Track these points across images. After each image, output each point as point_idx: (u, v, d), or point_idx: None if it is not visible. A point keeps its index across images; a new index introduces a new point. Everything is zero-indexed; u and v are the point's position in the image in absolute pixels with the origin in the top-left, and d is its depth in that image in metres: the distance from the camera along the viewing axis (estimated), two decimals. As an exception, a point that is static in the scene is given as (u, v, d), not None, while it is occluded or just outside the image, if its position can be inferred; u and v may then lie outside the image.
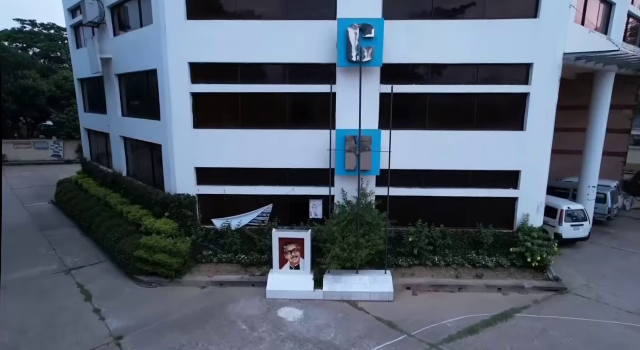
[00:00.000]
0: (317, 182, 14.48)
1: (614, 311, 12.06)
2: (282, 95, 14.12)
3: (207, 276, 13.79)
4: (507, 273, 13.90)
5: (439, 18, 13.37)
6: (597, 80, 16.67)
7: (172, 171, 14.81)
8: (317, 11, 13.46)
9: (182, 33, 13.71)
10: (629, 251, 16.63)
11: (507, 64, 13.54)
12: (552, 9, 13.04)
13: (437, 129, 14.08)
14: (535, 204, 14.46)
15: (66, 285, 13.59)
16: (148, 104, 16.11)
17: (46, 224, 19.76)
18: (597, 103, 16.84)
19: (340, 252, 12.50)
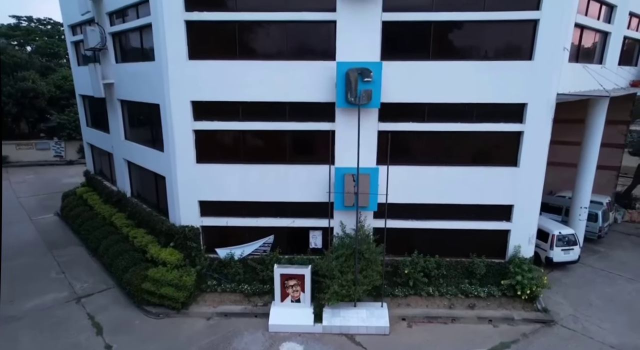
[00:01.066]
0: (316, 215, 14.99)
1: (597, 346, 12.77)
2: (283, 132, 14.47)
3: (211, 306, 14.46)
4: (498, 303, 14.58)
5: (436, 59, 13.61)
6: (591, 108, 16.96)
7: (176, 203, 15.29)
8: (317, 52, 13.69)
9: (183, 72, 13.96)
10: (616, 274, 17.29)
11: (503, 103, 13.85)
12: (546, 51, 13.29)
13: (433, 165, 14.51)
14: (527, 235, 15.02)
15: (77, 316, 14.25)
16: (151, 134, 16.46)
17: (54, 241, 20.33)
18: (589, 132, 17.18)
19: (339, 288, 13.13)
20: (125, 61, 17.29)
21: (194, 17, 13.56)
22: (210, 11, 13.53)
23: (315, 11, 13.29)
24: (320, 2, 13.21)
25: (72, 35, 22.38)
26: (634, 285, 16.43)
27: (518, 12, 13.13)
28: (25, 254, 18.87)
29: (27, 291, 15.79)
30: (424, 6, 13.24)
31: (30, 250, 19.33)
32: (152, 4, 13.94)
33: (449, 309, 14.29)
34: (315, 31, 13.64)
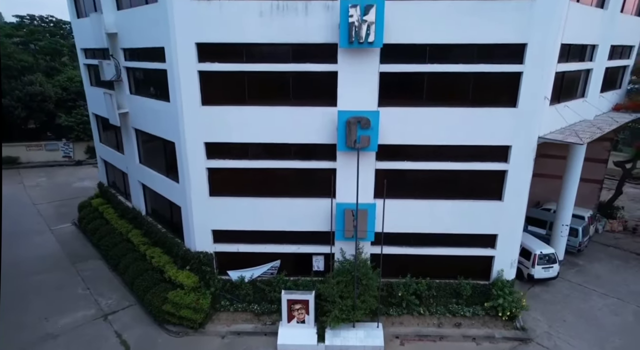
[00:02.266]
0: (319, 242, 16.56)
1: (565, 363, 14.59)
2: (289, 169, 15.85)
3: (225, 325, 16.20)
4: (482, 322, 16.34)
5: (429, 105, 14.87)
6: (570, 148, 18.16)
7: (192, 231, 16.83)
8: (320, 99, 14.90)
9: (197, 116, 15.22)
10: (590, 289, 19.02)
11: (489, 145, 15.21)
12: (529, 99, 14.56)
13: (426, 199, 15.98)
14: (509, 260, 16.66)
15: (106, 334, 15.98)
16: (165, 164, 17.82)
17: (75, 253, 21.91)
18: (569, 165, 18.51)
19: (340, 313, 14.82)
20: (140, 94, 18.45)
21: (206, 67, 14.74)
22: (221, 62, 14.70)
23: (318, 63, 14.48)
24: (323, 55, 14.36)
25: (85, 58, 23.40)
26: (605, 300, 18.17)
27: (504, 65, 14.34)
28: (51, 268, 20.51)
29: (59, 308, 17.50)
30: (418, 58, 14.42)
31: (55, 264, 20.94)
32: (167, 55, 15.07)
33: (438, 328, 16.05)
34: (318, 80, 14.81)
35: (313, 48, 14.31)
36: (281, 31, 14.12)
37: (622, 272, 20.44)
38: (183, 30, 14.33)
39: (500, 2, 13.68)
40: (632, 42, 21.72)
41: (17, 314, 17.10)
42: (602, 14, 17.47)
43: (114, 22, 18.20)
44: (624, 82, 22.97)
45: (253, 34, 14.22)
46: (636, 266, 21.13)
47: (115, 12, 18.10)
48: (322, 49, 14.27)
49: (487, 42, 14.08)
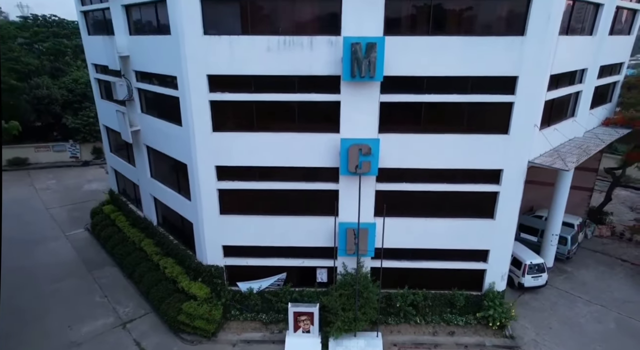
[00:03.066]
0: (322, 256, 17.75)
1: (549, 370, 15.93)
2: (295, 191, 16.91)
3: (236, 334, 17.51)
4: (474, 330, 17.64)
5: (426, 132, 15.86)
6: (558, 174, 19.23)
7: (203, 246, 17.99)
8: (324, 127, 15.88)
9: (209, 142, 16.22)
10: (576, 296, 20.30)
11: (483, 169, 16.25)
12: (520, 127, 15.55)
13: (422, 217, 17.10)
14: (500, 274, 17.87)
15: (126, 342, 17.28)
16: (178, 182, 18.87)
17: (91, 260, 23.12)
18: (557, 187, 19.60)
19: (342, 325, 16.09)
20: (151, 114, 19.36)
21: (217, 97, 15.69)
22: (231, 92, 15.65)
23: (322, 93, 15.41)
24: (327, 86, 15.28)
25: (95, 72, 24.20)
26: (589, 307, 19.47)
27: (496, 96, 15.30)
28: (69, 275, 21.74)
29: (79, 315, 18.77)
30: (416, 89, 15.36)
31: (73, 271, 22.17)
32: (179, 84, 15.98)
33: (433, 336, 17.36)
34: (322, 109, 15.75)
35: (317, 80, 15.23)
36: (287, 64, 15.02)
37: (606, 279, 21.70)
38: (195, 63, 15.23)
39: (493, 38, 14.57)
40: (621, 59, 22.58)
41: (41, 322, 18.38)
42: (591, 40, 18.32)
43: (127, 45, 19.01)
44: (614, 96, 23.86)
45: (261, 67, 15.12)
46: (621, 272, 22.38)
47: (127, 36, 18.88)
48: (326, 80, 15.19)
49: (480, 75, 15.00)
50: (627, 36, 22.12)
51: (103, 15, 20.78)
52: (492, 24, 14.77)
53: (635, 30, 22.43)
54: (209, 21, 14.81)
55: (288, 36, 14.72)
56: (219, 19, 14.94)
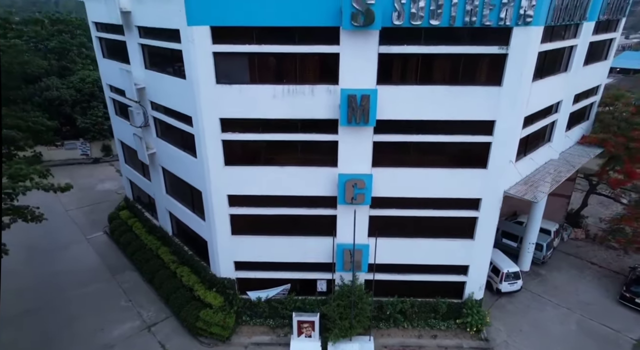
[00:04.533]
0: (322, 270, 20.17)
1: (516, 369, 18.67)
2: (298, 216, 19.13)
3: (247, 337, 20.15)
4: (454, 334, 20.30)
5: (414, 166, 17.94)
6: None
7: (217, 261, 20.37)
8: (324, 162, 17.93)
9: (221, 175, 18.30)
10: (547, 299, 22.90)
11: (465, 198, 18.43)
12: (497, 162, 17.62)
13: (410, 237, 19.42)
14: (478, 285, 20.37)
15: (152, 344, 19.91)
16: (193, 203, 21.03)
17: (113, 265, 25.60)
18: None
19: (339, 332, 18.69)
20: (166, 140, 21.28)
21: (228, 137, 17.65)
22: (241, 133, 17.61)
23: (322, 133, 17.35)
24: (326, 127, 17.19)
25: (110, 91, 25.91)
26: (557, 310, 22.11)
27: (477, 136, 17.29)
28: (95, 280, 24.26)
29: (108, 319, 21.36)
30: (406, 130, 17.29)
31: (98, 275, 24.66)
32: (194, 124, 17.89)
33: (418, 339, 20.03)
34: (322, 147, 17.70)
35: (318, 122, 17.15)
36: (291, 109, 16.90)
37: (576, 282, 24.29)
38: (209, 108, 17.10)
39: (474, 87, 16.45)
40: (598, 82, 24.34)
41: (76, 325, 20.97)
42: (566, 75, 20.10)
43: (143, 78, 20.74)
44: (592, 113, 25.73)
45: (267, 111, 17.01)
46: (589, 275, 24.97)
47: (143, 70, 20.57)
48: (325, 123, 17.12)
49: (462, 119, 16.94)
50: (604, 61, 23.82)
51: (119, 44, 22.30)
52: (473, 75, 16.59)
53: (611, 55, 24.11)
54: (221, 72, 16.60)
55: (291, 85, 16.56)
56: (229, 70, 16.71)
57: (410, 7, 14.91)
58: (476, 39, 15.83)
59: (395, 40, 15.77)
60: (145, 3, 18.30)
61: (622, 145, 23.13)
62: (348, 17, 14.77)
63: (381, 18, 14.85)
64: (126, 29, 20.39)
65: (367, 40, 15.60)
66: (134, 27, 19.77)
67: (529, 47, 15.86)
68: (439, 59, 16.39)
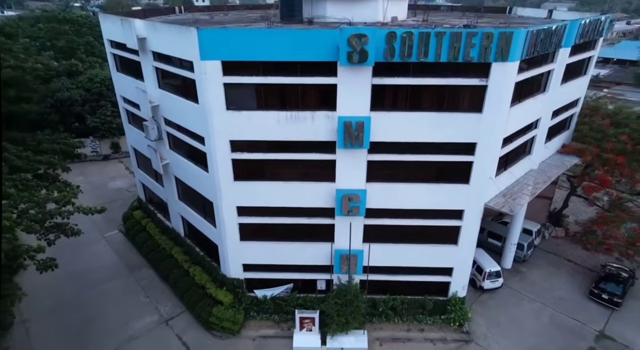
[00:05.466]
0: (322, 271, 22.52)
1: (492, 359, 21.21)
2: (300, 224, 21.33)
3: (255, 331, 22.61)
4: (439, 327, 22.76)
5: (404, 182, 20.03)
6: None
7: (227, 263, 22.67)
8: (322, 177, 20.01)
9: (231, 188, 20.39)
10: (524, 295, 25.33)
11: (450, 209, 20.60)
12: (478, 179, 19.71)
13: (399, 243, 21.67)
14: (462, 284, 22.74)
15: (171, 337, 22.38)
16: (204, 211, 23.19)
17: (130, 263, 27.95)
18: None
19: (336, 327, 21.14)
20: (178, 153, 23.27)
21: (237, 156, 19.68)
22: (248, 153, 19.63)
23: (321, 153, 19.39)
24: (325, 148, 19.21)
25: (123, 103, 27.77)
26: (532, 305, 24.56)
27: (460, 156, 19.33)
28: (115, 277, 26.66)
29: (130, 313, 23.79)
30: (396, 151, 19.32)
31: (117, 273, 27.04)
32: (207, 144, 19.86)
33: (407, 332, 22.50)
34: (322, 164, 19.72)
35: (317, 144, 19.15)
36: (294, 132, 18.88)
37: (552, 279, 26.69)
38: (220, 131, 19.05)
39: (458, 114, 18.41)
40: (578, 96, 26.22)
41: (101, 319, 23.40)
42: (543, 96, 21.99)
43: (157, 96, 22.60)
44: (572, 123, 27.68)
45: (273, 134, 18.99)
46: (565, 272, 27.38)
47: (157, 89, 22.41)
48: (324, 144, 19.12)
49: (446, 141, 18.95)
50: (583, 77, 25.65)
51: (133, 61, 24.03)
52: (457, 103, 18.51)
53: (590, 71, 25.93)
54: (231, 100, 18.51)
55: (294, 111, 18.51)
56: (238, 98, 18.62)
57: (400, 46, 16.75)
58: (459, 72, 17.69)
59: (387, 73, 17.66)
60: (161, 32, 20.03)
61: (596, 155, 25.15)
62: (345, 56, 16.64)
63: (374, 55, 16.70)
64: (141, 52, 22.13)
65: (361, 73, 17.49)
66: (149, 51, 21.52)
67: (507, 79, 17.77)
68: (426, 89, 18.29)
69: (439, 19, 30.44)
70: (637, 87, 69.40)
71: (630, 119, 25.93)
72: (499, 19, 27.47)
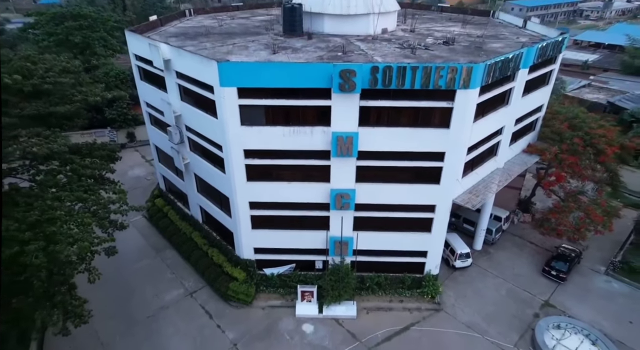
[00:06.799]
0: (319, 254, 27.29)
1: (457, 323, 26.18)
2: (301, 216, 25.87)
3: (264, 302, 27.57)
4: (415, 299, 27.69)
5: (386, 182, 24.43)
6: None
7: (241, 247, 27.39)
8: (319, 178, 24.40)
9: (245, 187, 24.80)
10: (489, 272, 30.21)
11: (423, 204, 25.11)
12: (447, 179, 24.11)
13: (382, 231, 26.30)
14: (434, 264, 27.52)
15: (195, 306, 27.34)
16: (221, 204, 27.70)
17: (155, 245, 32.71)
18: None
19: (331, 299, 26.08)
20: (198, 154, 27.55)
21: (249, 162, 23.99)
22: (259, 159, 23.94)
23: (318, 160, 23.71)
24: (321, 156, 23.48)
25: (146, 107, 31.80)
26: (494, 280, 29.45)
27: (432, 162, 23.64)
28: (144, 257, 31.45)
29: (160, 288, 28.70)
30: (380, 158, 23.62)
31: (146, 254, 31.83)
32: (224, 151, 24.11)
33: (389, 303, 27.45)
34: (319, 169, 24.05)
35: (315, 152, 23.42)
36: (296, 143, 23.10)
37: (515, 259, 31.52)
38: (235, 141, 23.27)
39: (429, 129, 22.61)
40: (541, 103, 30.28)
41: (138, 292, 28.30)
42: (506, 109, 26.08)
43: (179, 107, 26.67)
44: (537, 125, 31.83)
45: (278, 144, 23.20)
46: (527, 253, 32.18)
47: (179, 101, 26.46)
48: (321, 153, 23.40)
49: (421, 150, 23.22)
50: (545, 86, 29.66)
51: (157, 75, 27.95)
52: (429, 120, 22.66)
53: (552, 81, 29.89)
54: (244, 117, 22.64)
55: (296, 127, 22.70)
56: (251, 116, 22.71)
57: (382, 77, 20.80)
58: (430, 96, 21.77)
59: (371, 97, 21.76)
60: (184, 57, 23.91)
61: (554, 155, 29.45)
62: (337, 86, 20.73)
63: (361, 84, 20.79)
64: (166, 70, 26.05)
65: (351, 98, 21.59)
66: (173, 70, 25.46)
67: (469, 102, 21.88)
68: (404, 109, 22.41)
69: (427, 26, 34.25)
70: (623, 73, 72.20)
71: (585, 123, 30.03)
72: (480, 27, 31.14)
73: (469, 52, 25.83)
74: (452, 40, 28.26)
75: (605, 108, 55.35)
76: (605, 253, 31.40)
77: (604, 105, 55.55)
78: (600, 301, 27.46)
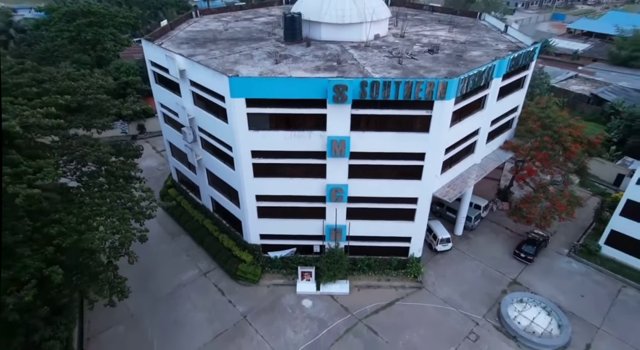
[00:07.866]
0: (316, 239, 31.24)
1: (436, 298, 30.31)
2: (301, 207, 29.67)
3: (269, 281, 31.64)
4: (400, 278, 31.74)
5: (374, 178, 28.13)
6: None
7: (248, 233, 31.31)
8: (316, 175, 28.09)
9: (252, 182, 28.51)
10: (467, 255, 34.21)
11: (406, 197, 28.88)
12: (428, 175, 27.80)
13: (373, 220, 30.15)
14: (417, 248, 31.49)
15: (209, 284, 31.43)
16: (230, 195, 31.46)
17: (171, 231, 36.63)
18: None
19: (327, 278, 30.15)
20: (210, 153, 31.12)
21: (256, 161, 27.62)
22: (264, 158, 27.58)
23: (316, 159, 27.35)
24: (318, 156, 27.10)
25: (160, 107, 35.21)
26: (472, 262, 33.49)
27: (414, 161, 27.29)
28: (162, 242, 35.35)
29: (178, 268, 32.73)
30: (369, 157, 27.29)
31: (163, 239, 35.74)
32: (234, 151, 27.72)
33: (377, 281, 31.53)
34: (316, 167, 27.71)
35: (313, 153, 27.03)
36: (296, 145, 26.68)
37: (491, 243, 35.51)
38: (244, 144, 26.85)
39: (411, 133, 26.18)
40: (516, 104, 33.70)
41: (158, 272, 32.33)
42: (481, 113, 29.52)
43: (192, 110, 30.12)
44: (514, 123, 35.31)
45: (280, 146, 26.80)
46: (502, 238, 36.14)
47: (192, 105, 29.88)
48: (318, 153, 27.03)
49: (404, 151, 26.84)
50: (520, 90, 33.05)
51: (171, 81, 31.27)
52: (411, 126, 26.19)
53: (526, 85, 33.24)
54: (252, 123, 26.15)
55: (296, 131, 26.26)
56: (257, 122, 26.22)
57: (370, 90, 24.23)
58: (412, 106, 25.25)
59: (361, 106, 25.25)
60: (198, 69, 27.26)
61: (527, 151, 33.05)
62: (331, 98, 24.21)
63: (352, 96, 24.27)
64: (180, 78, 29.39)
65: (344, 107, 25.07)
66: (187, 79, 28.83)
67: (445, 111, 25.37)
68: (389, 116, 25.92)
69: (416, 29, 37.32)
70: (611, 64, 74.86)
71: (555, 123, 33.49)
72: (465, 31, 34.29)
73: (450, 62, 29.16)
74: (436, 48, 31.50)
75: (588, 99, 58.65)
76: (570, 238, 35.40)
77: (588, 97, 58.77)
78: (559, 279, 31.57)
